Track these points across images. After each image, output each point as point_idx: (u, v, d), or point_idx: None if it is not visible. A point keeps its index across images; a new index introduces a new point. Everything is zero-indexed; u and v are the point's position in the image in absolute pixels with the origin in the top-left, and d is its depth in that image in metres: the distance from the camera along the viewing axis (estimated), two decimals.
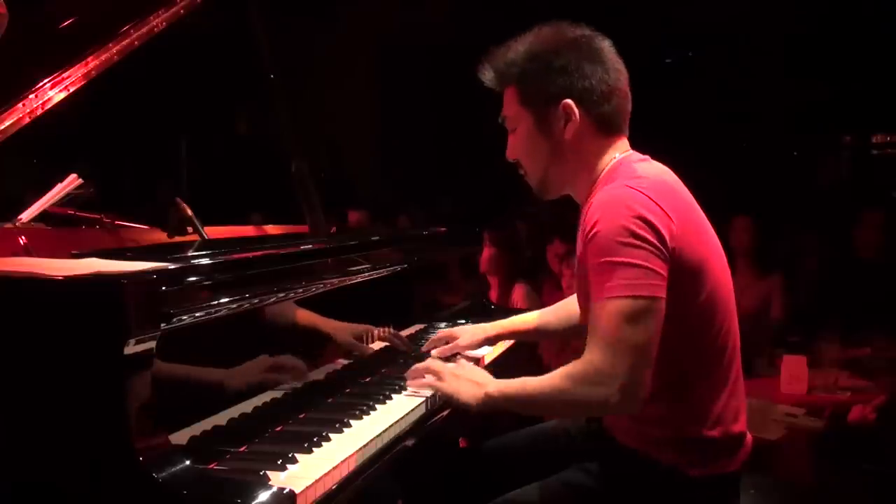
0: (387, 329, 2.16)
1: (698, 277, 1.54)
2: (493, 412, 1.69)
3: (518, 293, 4.04)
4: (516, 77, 1.68)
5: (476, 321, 2.28)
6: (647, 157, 1.68)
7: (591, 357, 1.48)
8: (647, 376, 1.46)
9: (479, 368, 1.79)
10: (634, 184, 1.53)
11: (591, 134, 1.65)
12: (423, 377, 1.76)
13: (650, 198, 1.49)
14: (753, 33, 6.87)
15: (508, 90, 1.71)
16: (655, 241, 1.46)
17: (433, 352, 2.08)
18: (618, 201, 1.50)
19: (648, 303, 1.45)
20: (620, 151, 1.66)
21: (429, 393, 1.77)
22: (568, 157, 1.66)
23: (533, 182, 1.75)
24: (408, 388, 1.81)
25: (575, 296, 1.99)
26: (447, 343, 2.09)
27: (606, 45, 1.66)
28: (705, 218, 1.64)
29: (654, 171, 1.63)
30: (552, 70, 1.62)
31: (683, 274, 1.51)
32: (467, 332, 2.12)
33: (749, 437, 1.66)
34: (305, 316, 1.81)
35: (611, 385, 1.45)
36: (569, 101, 1.62)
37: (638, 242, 1.45)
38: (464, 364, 1.85)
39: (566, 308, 2.09)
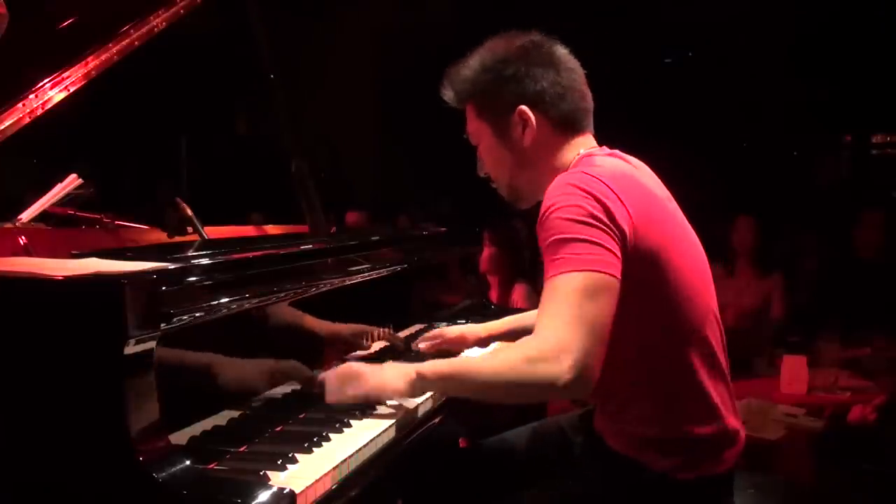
0: (387, 330, 2.16)
1: (661, 269, 1.51)
2: (425, 392, 1.64)
3: (518, 293, 4.04)
4: (471, 92, 1.69)
5: (476, 321, 2.28)
6: (615, 151, 1.67)
7: (541, 333, 1.39)
8: (600, 355, 1.38)
9: (380, 365, 1.70)
10: (589, 170, 1.52)
11: (552, 136, 1.65)
12: (336, 391, 1.63)
13: (604, 183, 1.47)
14: (753, 33, 6.87)
15: (468, 107, 1.72)
16: (607, 221, 1.43)
17: (420, 344, 2.09)
18: (569, 185, 1.48)
19: (602, 278, 1.39)
20: (585, 147, 1.66)
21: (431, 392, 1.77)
22: (531, 162, 1.66)
23: (504, 192, 1.75)
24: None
25: None
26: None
27: (557, 48, 1.66)
28: (675, 212, 1.62)
29: (614, 162, 1.61)
30: (503, 79, 1.64)
31: (644, 264, 1.48)
32: (456, 331, 2.12)
33: (742, 433, 1.63)
34: (305, 316, 1.81)
35: (562, 362, 1.34)
36: (523, 107, 1.63)
37: (591, 220, 1.42)
38: (353, 365, 1.71)
39: None
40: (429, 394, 1.76)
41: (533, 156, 1.66)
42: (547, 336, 1.39)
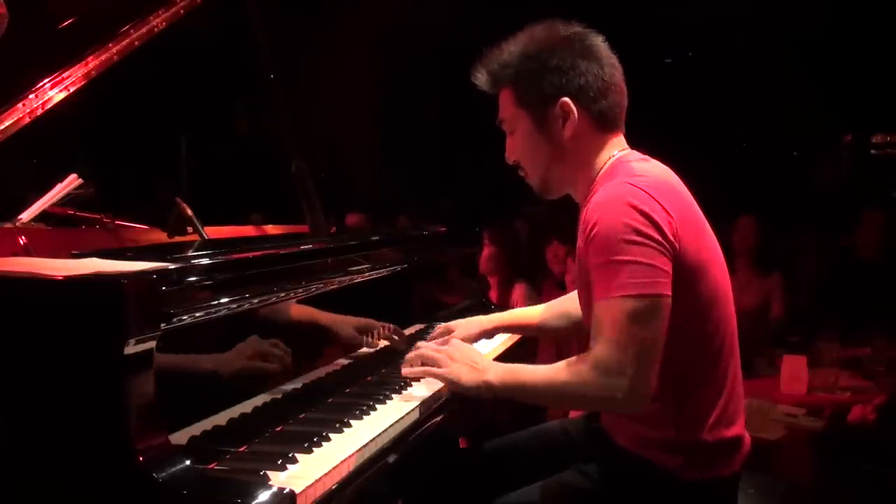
0: (388, 326, 2.16)
1: (697, 277, 1.53)
2: (491, 395, 1.67)
3: (518, 293, 4.04)
4: (511, 79, 1.67)
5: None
6: (646, 156, 1.67)
7: (600, 353, 1.46)
8: (653, 373, 1.46)
9: (472, 348, 1.78)
10: (634, 181, 1.52)
11: (590, 131, 1.64)
12: (419, 365, 1.73)
13: (650, 195, 1.49)
14: (753, 33, 6.87)
15: (504, 92, 1.70)
16: (659, 237, 1.45)
17: (430, 344, 2.08)
18: (618, 198, 1.49)
19: (655, 300, 1.44)
20: (619, 149, 1.66)
21: (427, 393, 1.77)
22: (568, 155, 1.66)
23: (534, 183, 1.74)
24: (406, 377, 1.77)
25: (572, 294, 1.99)
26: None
27: (599, 42, 1.65)
28: (704, 218, 1.64)
29: (654, 169, 1.62)
30: (547, 69, 1.62)
31: (682, 273, 1.50)
32: (462, 324, 2.12)
33: (748, 439, 1.65)
34: (305, 316, 1.81)
35: (620, 381, 1.44)
36: (566, 99, 1.61)
37: (641, 239, 1.44)
38: (456, 344, 1.79)
39: (562, 305, 2.09)
40: (428, 392, 1.76)
41: (570, 149, 1.65)
42: (605, 357, 1.46)
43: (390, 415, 1.62)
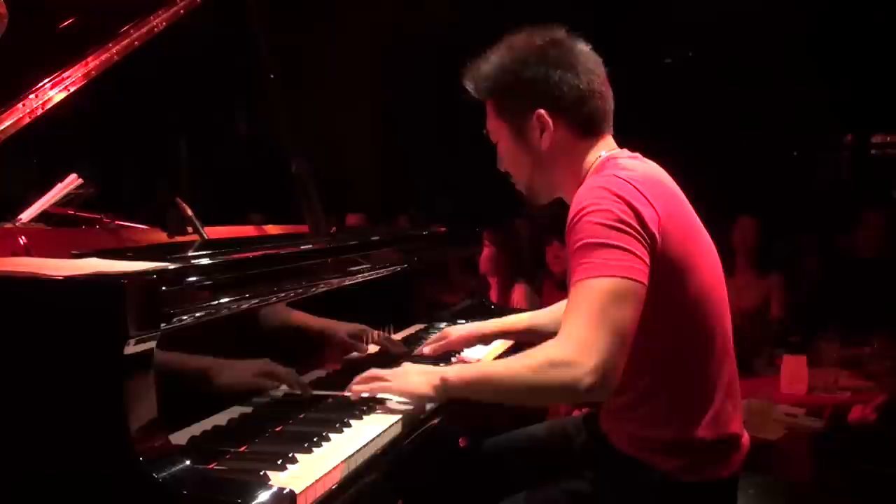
0: (383, 332, 2.15)
1: (684, 273, 1.52)
2: (453, 399, 1.64)
3: (518, 293, 4.04)
4: (491, 91, 1.69)
5: (476, 321, 2.28)
6: (637, 154, 1.67)
7: (566, 337, 1.41)
8: (622, 361, 1.40)
9: (422, 365, 1.76)
10: (621, 174, 1.52)
11: (572, 138, 1.65)
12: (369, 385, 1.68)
13: (636, 187, 1.49)
14: (754, 33, 6.86)
15: (488, 104, 1.72)
16: (638, 226, 1.45)
17: (425, 349, 2.09)
18: (603, 188, 1.49)
19: (630, 285, 1.41)
20: (607, 149, 1.66)
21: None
22: (550, 164, 1.67)
23: (522, 190, 1.76)
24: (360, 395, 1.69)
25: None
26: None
27: (577, 48, 1.65)
28: (695, 216, 1.63)
29: (643, 166, 1.62)
30: (521, 82, 1.63)
31: (668, 268, 1.49)
32: (458, 329, 2.13)
33: (746, 438, 1.64)
34: (305, 316, 1.81)
35: (584, 366, 1.37)
36: (541, 111, 1.62)
37: (622, 227, 1.44)
38: (405, 365, 1.78)
39: (557, 309, 2.09)
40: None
41: (551, 158, 1.66)
42: (571, 340, 1.41)
43: (390, 415, 1.62)
